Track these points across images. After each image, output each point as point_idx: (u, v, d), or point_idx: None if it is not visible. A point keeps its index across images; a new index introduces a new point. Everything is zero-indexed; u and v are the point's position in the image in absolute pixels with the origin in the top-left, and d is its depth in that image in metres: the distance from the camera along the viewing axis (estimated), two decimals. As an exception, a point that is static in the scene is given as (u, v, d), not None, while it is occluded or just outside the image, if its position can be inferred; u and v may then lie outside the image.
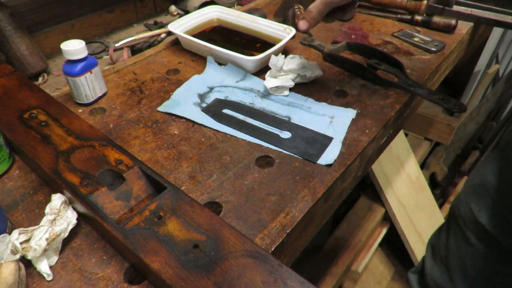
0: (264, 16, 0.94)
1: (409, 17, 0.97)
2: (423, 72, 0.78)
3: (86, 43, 0.68)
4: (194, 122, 0.64)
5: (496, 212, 0.85)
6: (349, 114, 0.66)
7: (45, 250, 0.42)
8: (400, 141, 1.36)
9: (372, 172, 1.24)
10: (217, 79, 0.75)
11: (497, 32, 1.70)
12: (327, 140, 0.61)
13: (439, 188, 1.78)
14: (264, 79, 0.73)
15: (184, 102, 0.69)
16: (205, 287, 0.37)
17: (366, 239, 1.30)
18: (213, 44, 0.77)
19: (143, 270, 0.42)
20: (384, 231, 1.36)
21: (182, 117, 0.65)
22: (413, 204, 1.39)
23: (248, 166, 0.56)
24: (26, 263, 0.42)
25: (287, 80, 0.71)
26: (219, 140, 0.61)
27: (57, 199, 0.46)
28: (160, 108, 0.67)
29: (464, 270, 0.95)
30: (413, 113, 0.82)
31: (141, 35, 0.97)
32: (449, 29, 0.92)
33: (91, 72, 0.66)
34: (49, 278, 0.42)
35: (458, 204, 0.97)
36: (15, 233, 0.42)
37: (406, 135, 1.58)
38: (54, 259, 0.44)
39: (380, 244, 1.40)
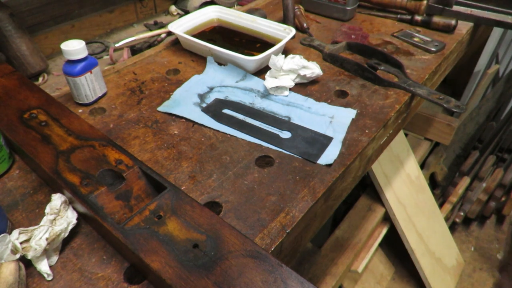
0: (264, 16, 0.94)
1: (409, 17, 0.97)
2: (423, 72, 0.78)
3: (86, 43, 0.68)
4: (194, 122, 0.64)
5: None
6: (349, 114, 0.66)
7: (45, 250, 0.42)
8: (400, 141, 1.36)
9: (372, 172, 1.24)
10: (217, 79, 0.75)
11: (497, 32, 1.70)
12: (327, 140, 0.61)
13: (439, 188, 1.78)
14: (264, 79, 0.73)
15: (184, 102, 0.69)
16: (205, 286, 0.37)
17: (366, 239, 1.30)
18: (213, 44, 0.77)
19: (143, 270, 0.42)
20: (384, 231, 1.36)
21: (182, 117, 0.65)
22: (413, 204, 1.39)
23: (248, 166, 0.56)
24: (26, 262, 0.42)
25: (287, 80, 0.71)
26: (219, 140, 0.61)
27: (57, 199, 0.46)
28: (160, 108, 0.67)
29: None
30: (413, 113, 0.82)
31: (141, 35, 0.97)
32: (449, 29, 0.92)
33: (91, 72, 0.66)
34: (49, 278, 0.42)
35: None
36: (15, 232, 0.42)
37: (406, 135, 1.58)
38: (54, 259, 0.44)
39: (380, 244, 1.39)
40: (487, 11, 0.93)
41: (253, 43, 0.85)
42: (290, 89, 0.72)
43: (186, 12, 1.11)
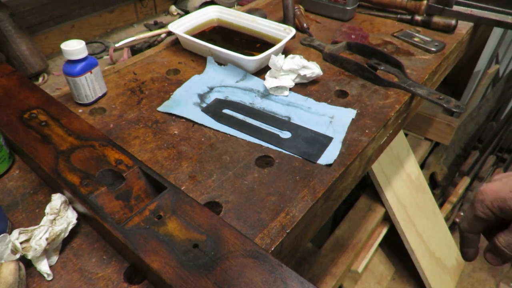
0: (264, 16, 0.94)
1: (409, 17, 0.97)
2: (423, 72, 0.78)
3: (86, 43, 0.68)
4: (194, 122, 0.64)
5: None
6: (349, 114, 0.66)
7: (45, 250, 0.42)
8: (400, 141, 1.36)
9: (372, 172, 1.24)
10: (217, 79, 0.75)
11: (497, 32, 1.70)
12: (327, 140, 0.61)
13: (439, 188, 1.78)
14: (264, 79, 0.73)
15: (184, 102, 0.69)
16: (205, 286, 0.37)
17: (366, 239, 1.30)
18: (213, 44, 0.77)
19: (143, 270, 0.42)
20: (384, 231, 1.36)
21: (182, 117, 0.65)
22: (413, 204, 1.39)
23: (248, 166, 0.56)
24: (26, 262, 0.42)
25: (287, 80, 0.71)
26: (219, 140, 0.61)
27: (57, 199, 0.46)
28: (160, 108, 0.67)
29: None
30: (413, 113, 0.82)
31: (141, 35, 0.97)
32: (449, 29, 0.92)
33: (91, 72, 0.66)
34: (49, 278, 0.42)
35: None
36: (15, 232, 0.42)
37: (406, 135, 1.58)
38: (54, 259, 0.44)
39: (380, 244, 1.39)
40: (487, 11, 0.93)
41: (253, 43, 0.85)
42: (290, 89, 0.72)
43: (186, 12, 1.11)
